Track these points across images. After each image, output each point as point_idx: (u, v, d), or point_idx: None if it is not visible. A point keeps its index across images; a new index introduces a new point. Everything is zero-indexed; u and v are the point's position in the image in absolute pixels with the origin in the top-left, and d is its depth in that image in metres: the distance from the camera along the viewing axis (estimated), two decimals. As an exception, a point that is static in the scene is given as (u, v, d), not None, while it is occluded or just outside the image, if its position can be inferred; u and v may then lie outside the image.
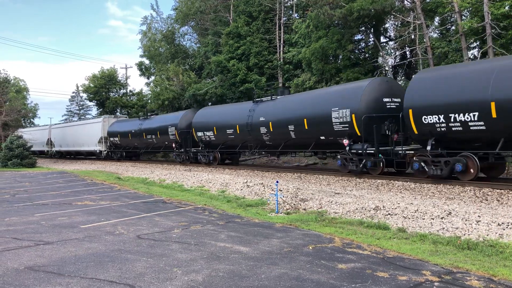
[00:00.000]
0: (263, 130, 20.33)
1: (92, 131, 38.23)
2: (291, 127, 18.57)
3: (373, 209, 9.63)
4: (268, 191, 13.01)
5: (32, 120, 70.13)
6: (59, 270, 6.09)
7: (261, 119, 20.41)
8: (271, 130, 19.87)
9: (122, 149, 35.87)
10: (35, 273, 5.97)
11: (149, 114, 33.84)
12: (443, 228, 7.88)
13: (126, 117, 43.59)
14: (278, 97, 21.00)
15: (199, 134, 25.59)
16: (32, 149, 41.87)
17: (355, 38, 26.76)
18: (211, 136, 24.69)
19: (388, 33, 29.01)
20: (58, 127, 48.06)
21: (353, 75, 23.80)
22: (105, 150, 37.26)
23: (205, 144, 25.54)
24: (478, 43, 20.50)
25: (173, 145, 28.30)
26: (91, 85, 54.39)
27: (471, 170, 12.43)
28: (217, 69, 34.14)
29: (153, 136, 30.34)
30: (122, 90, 57.00)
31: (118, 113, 50.23)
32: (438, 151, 13.22)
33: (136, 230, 8.75)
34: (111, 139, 36.40)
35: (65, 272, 5.99)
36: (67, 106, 76.75)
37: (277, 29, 33.35)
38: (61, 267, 6.23)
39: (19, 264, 6.45)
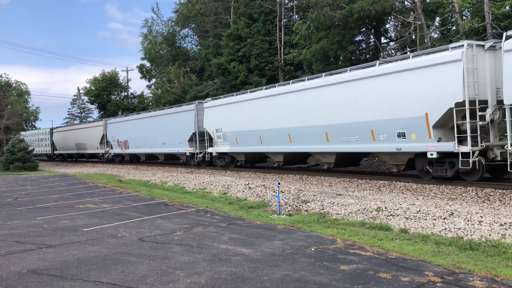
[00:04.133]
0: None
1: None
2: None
3: (375, 210, 9.63)
4: (270, 193, 13.01)
5: (33, 123, 70.37)
6: (61, 273, 6.09)
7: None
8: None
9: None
10: (37, 277, 5.98)
11: None
12: (446, 229, 7.87)
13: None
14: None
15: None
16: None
17: (356, 39, 26.78)
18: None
19: (389, 34, 29.03)
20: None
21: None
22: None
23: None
24: (479, 43, 20.45)
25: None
26: (93, 88, 54.54)
27: None
28: (218, 71, 34.19)
29: None
30: (123, 93, 57.16)
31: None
32: None
33: (138, 232, 8.76)
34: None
35: (68, 275, 6.00)
36: (68, 109, 77.07)
37: (277, 30, 33.37)
38: (63, 270, 6.23)
39: (21, 267, 6.46)
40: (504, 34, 11.12)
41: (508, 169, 11.10)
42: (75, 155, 43.00)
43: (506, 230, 7.29)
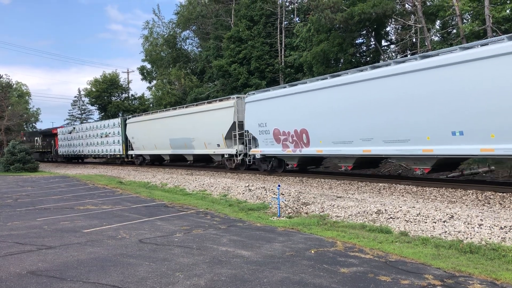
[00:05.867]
0: None
1: None
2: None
3: (375, 212, 9.62)
4: (270, 195, 13.01)
5: (34, 124, 70.47)
6: (61, 275, 6.09)
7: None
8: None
9: None
10: (37, 278, 5.98)
11: None
12: (445, 232, 7.87)
13: None
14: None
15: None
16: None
17: (356, 41, 26.84)
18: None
19: (390, 37, 29.10)
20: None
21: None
22: None
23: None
24: (479, 46, 20.47)
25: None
26: (93, 89, 54.59)
27: None
28: (219, 73, 34.25)
29: None
30: (124, 94, 57.21)
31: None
32: None
33: (138, 234, 8.76)
34: None
35: (68, 277, 6.00)
36: (69, 110, 77.17)
37: (278, 33, 33.43)
38: (63, 272, 6.23)
39: (21, 268, 6.46)
40: None
41: None
42: (168, 157, 28.80)
43: (506, 233, 7.28)
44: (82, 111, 66.79)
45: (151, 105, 51.56)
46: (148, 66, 51.61)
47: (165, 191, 16.99)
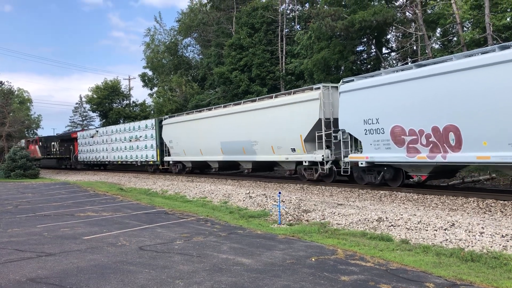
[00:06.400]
0: None
1: None
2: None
3: (376, 220, 9.60)
4: (271, 202, 12.99)
5: (35, 131, 70.59)
6: (61, 282, 6.07)
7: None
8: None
9: None
10: (37, 285, 5.96)
11: None
12: (447, 240, 7.84)
13: None
14: None
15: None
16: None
17: (357, 49, 26.92)
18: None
19: (390, 44, 29.19)
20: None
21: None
22: None
23: None
24: (480, 54, 20.54)
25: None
26: (95, 96, 54.76)
27: None
28: (220, 80, 34.36)
29: None
30: (125, 101, 57.37)
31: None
32: None
33: (138, 241, 8.74)
34: None
35: (67, 284, 5.98)
36: (70, 117, 77.32)
37: (279, 40, 33.57)
38: (63, 279, 6.21)
39: (21, 275, 6.44)
40: None
41: None
42: (217, 165, 24.22)
43: (508, 241, 7.25)
44: (84, 118, 66.97)
45: (152, 111, 51.66)
46: (150, 73, 51.89)
47: (165, 198, 16.97)
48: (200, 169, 27.27)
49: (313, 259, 6.99)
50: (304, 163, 17.60)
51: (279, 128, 18.39)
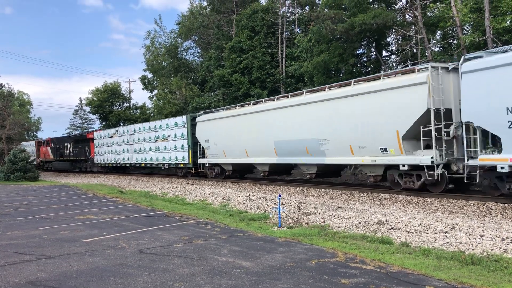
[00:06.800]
0: None
1: None
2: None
3: (376, 223, 9.58)
4: (271, 205, 12.97)
5: (35, 133, 70.63)
6: (60, 285, 6.06)
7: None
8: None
9: None
10: (36, 288, 5.95)
11: None
12: (447, 243, 7.82)
13: None
14: None
15: None
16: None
17: (357, 52, 26.94)
18: None
19: (390, 47, 29.19)
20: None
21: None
22: None
23: None
24: (479, 57, 20.54)
25: None
26: (95, 98, 54.82)
27: None
28: (220, 82, 34.38)
29: None
30: (125, 104, 57.41)
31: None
32: None
33: (138, 244, 8.72)
34: None
35: (67, 287, 5.96)
36: (70, 119, 77.42)
37: (279, 43, 33.59)
38: (62, 282, 6.20)
39: (20, 278, 6.43)
40: None
41: None
42: (267, 168, 20.47)
43: (508, 244, 7.24)
44: (83, 120, 67.04)
45: (152, 114, 51.70)
46: (150, 75, 51.97)
47: (165, 200, 16.96)
48: (242, 173, 23.99)
49: (313, 262, 6.98)
50: (401, 167, 13.64)
51: (362, 122, 14.53)
